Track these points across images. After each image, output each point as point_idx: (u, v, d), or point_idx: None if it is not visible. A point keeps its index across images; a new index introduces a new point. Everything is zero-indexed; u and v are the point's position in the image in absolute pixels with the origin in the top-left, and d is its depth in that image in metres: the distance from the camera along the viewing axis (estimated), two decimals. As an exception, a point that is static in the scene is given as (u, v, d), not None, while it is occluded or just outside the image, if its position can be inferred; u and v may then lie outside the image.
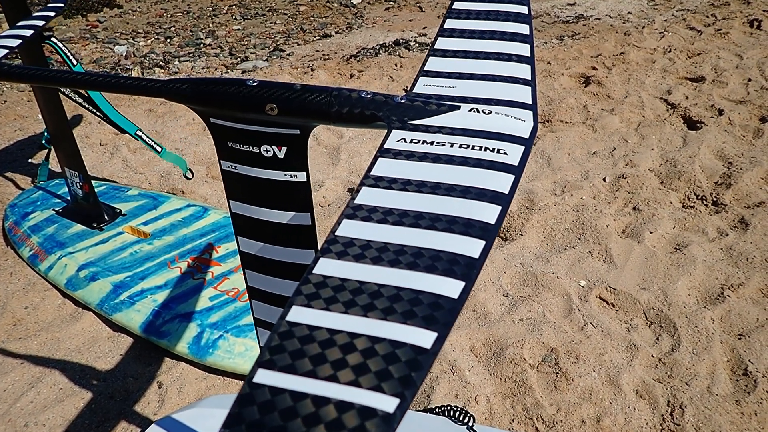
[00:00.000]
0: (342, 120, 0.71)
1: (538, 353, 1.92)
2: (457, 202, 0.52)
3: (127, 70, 4.23)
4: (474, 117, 0.65)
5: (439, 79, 0.74)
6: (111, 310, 1.99)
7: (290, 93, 0.73)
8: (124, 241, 2.26)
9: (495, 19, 0.84)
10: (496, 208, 0.51)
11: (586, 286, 2.17)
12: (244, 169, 0.82)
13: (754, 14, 4.67)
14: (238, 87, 0.76)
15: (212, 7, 6.09)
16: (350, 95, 0.72)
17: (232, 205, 0.87)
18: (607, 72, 3.79)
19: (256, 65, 4.34)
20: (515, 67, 0.75)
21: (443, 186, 0.54)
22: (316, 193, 2.77)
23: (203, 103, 0.78)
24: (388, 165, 0.58)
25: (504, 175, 0.56)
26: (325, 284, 0.43)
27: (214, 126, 0.81)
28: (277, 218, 0.84)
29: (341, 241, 0.47)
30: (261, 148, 0.78)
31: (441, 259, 0.45)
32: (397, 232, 0.48)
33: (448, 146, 0.61)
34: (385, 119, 0.67)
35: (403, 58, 4.26)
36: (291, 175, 0.80)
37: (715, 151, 2.90)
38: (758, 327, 1.96)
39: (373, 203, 0.52)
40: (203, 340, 1.85)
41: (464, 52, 0.78)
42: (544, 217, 2.52)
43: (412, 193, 0.53)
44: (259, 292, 0.93)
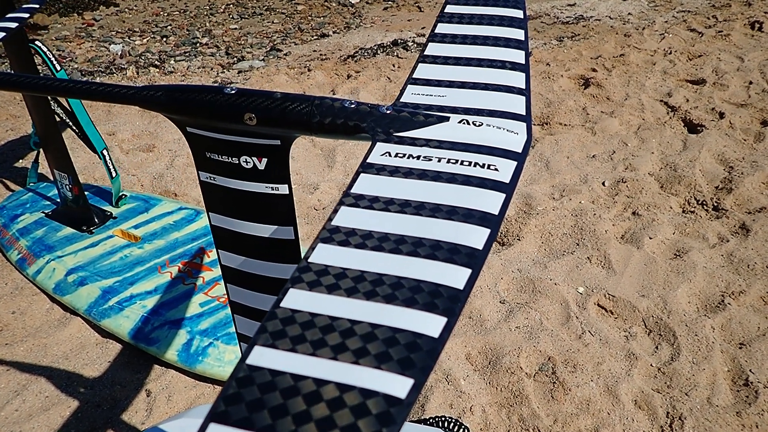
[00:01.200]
0: (324, 131, 0.67)
1: (534, 362, 1.88)
2: (443, 224, 0.48)
3: (122, 69, 4.19)
4: (464, 129, 0.61)
5: (428, 88, 0.70)
6: (99, 315, 1.95)
7: (269, 102, 0.69)
8: (114, 244, 2.22)
9: (489, 23, 0.80)
10: (484, 231, 0.47)
11: (584, 293, 2.13)
12: (223, 181, 0.78)
13: (755, 16, 4.63)
14: (215, 95, 0.72)
15: (209, 5, 6.05)
16: (333, 105, 0.68)
17: (212, 218, 0.83)
18: (607, 74, 3.75)
19: (252, 65, 4.29)
20: (509, 75, 0.71)
21: (428, 206, 0.50)
22: (311, 196, 2.73)
23: (178, 111, 0.74)
24: (371, 181, 0.54)
25: (494, 194, 0.52)
26: (292, 320, 0.39)
27: (191, 135, 0.77)
28: (259, 232, 0.80)
29: (314, 269, 0.44)
30: (240, 159, 0.74)
31: (422, 291, 0.41)
32: (376, 259, 0.44)
33: (436, 161, 0.57)
34: (370, 131, 0.63)
35: (401, 59, 4.22)
36: (272, 188, 0.76)
37: (716, 155, 2.86)
38: (759, 336, 1.92)
39: (351, 225, 0.48)
40: (193, 348, 1.81)
41: (455, 59, 0.74)
42: (542, 222, 2.48)
43: (395, 214, 0.49)
44: (242, 306, 0.89)
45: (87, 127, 2.34)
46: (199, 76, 4.14)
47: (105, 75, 4.10)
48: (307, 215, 2.63)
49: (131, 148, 3.16)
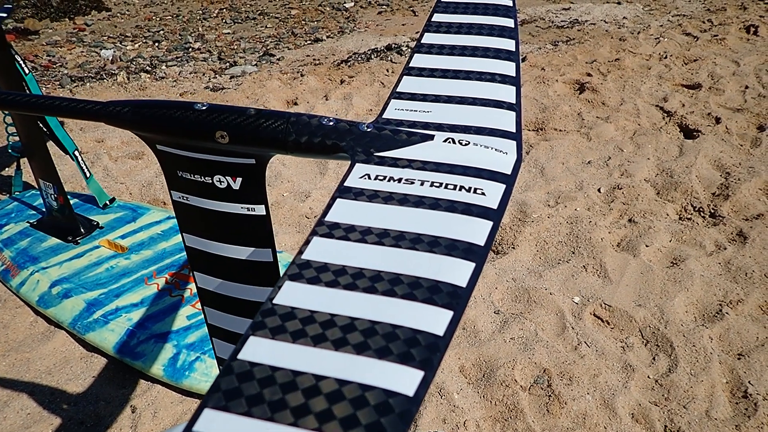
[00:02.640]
0: (300, 150, 0.63)
1: (529, 374, 1.84)
2: (423, 258, 0.44)
3: (112, 74, 4.14)
4: (449, 149, 0.57)
5: (412, 102, 0.66)
6: (84, 329, 1.90)
7: (242, 119, 0.65)
8: (100, 255, 2.17)
9: (478, 33, 0.76)
10: (467, 266, 0.43)
11: (580, 303, 2.09)
12: (196, 201, 0.73)
13: (750, 20, 4.61)
14: (185, 111, 0.68)
15: (202, 10, 6.01)
16: (309, 122, 0.63)
17: (186, 239, 0.79)
18: (602, 78, 3.73)
19: (245, 70, 4.25)
20: (498, 89, 0.66)
21: (408, 236, 0.46)
22: (303, 204, 2.69)
23: (146, 128, 0.70)
24: (347, 207, 0.50)
25: (480, 222, 0.48)
26: (250, 375, 0.35)
27: (161, 153, 0.73)
28: (235, 254, 0.75)
29: (279, 312, 0.39)
30: (213, 179, 0.70)
31: (397, 339, 0.37)
32: (348, 300, 0.40)
33: (418, 184, 0.53)
34: (349, 150, 0.59)
35: (395, 64, 4.18)
36: (248, 208, 0.71)
37: (713, 161, 2.83)
38: (758, 346, 1.89)
39: (323, 259, 0.44)
40: (179, 362, 1.76)
41: (442, 71, 0.70)
42: (537, 230, 2.44)
43: (372, 246, 0.45)
44: (221, 330, 0.85)
45: (56, 130, 2.31)
46: (191, 82, 4.10)
47: (95, 81, 4.05)
48: (298, 224, 2.58)
49: (120, 155, 3.11)
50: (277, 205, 2.68)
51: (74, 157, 2.38)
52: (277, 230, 2.50)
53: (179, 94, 3.85)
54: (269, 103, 3.66)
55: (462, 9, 0.81)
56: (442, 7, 0.82)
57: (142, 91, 3.91)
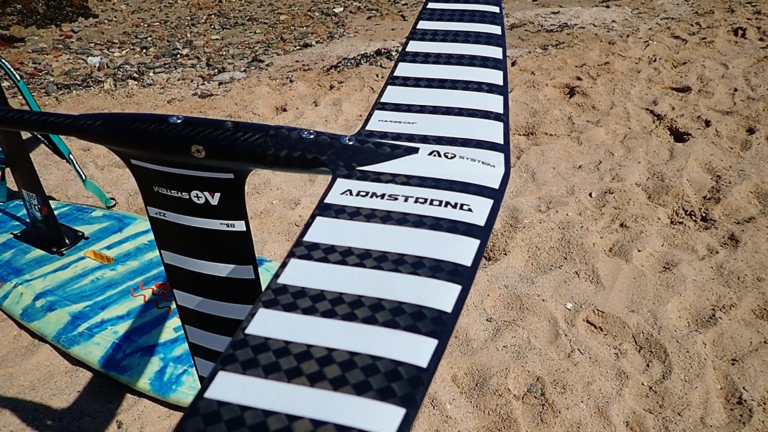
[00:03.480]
0: (279, 164, 0.61)
1: (523, 383, 1.82)
2: (407, 281, 0.41)
3: (99, 81, 4.10)
4: (434, 162, 0.55)
5: (397, 113, 0.64)
6: (68, 342, 1.86)
7: (219, 132, 0.62)
8: (85, 266, 2.13)
9: (464, 41, 0.73)
10: (453, 288, 0.41)
11: (572, 309, 2.07)
12: (173, 217, 0.71)
13: (738, 22, 4.63)
14: (159, 125, 0.65)
15: (191, 16, 5.97)
16: (289, 135, 0.61)
17: (165, 256, 0.76)
18: (592, 82, 3.72)
19: (233, 76, 4.22)
20: (485, 98, 0.64)
21: (391, 257, 0.43)
22: (292, 212, 2.66)
23: (119, 142, 0.67)
24: (328, 227, 0.48)
25: (466, 241, 0.45)
26: (217, 417, 0.32)
27: (135, 168, 0.70)
28: (215, 271, 0.73)
29: (252, 343, 0.37)
30: (191, 194, 0.67)
31: (377, 372, 0.34)
32: (326, 330, 0.38)
33: (402, 200, 0.50)
34: (330, 165, 0.57)
35: (385, 69, 4.16)
36: (227, 224, 0.69)
37: (703, 164, 2.83)
38: (752, 351, 1.88)
39: (301, 283, 0.41)
40: (166, 376, 1.73)
41: (428, 81, 0.68)
42: (529, 236, 2.42)
43: (352, 268, 0.43)
44: (203, 349, 0.82)
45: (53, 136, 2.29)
46: (178, 88, 4.06)
47: (81, 88, 4.01)
48: (288, 231, 2.55)
49: (106, 164, 3.07)
50: (266, 213, 2.65)
51: (70, 161, 2.39)
52: (266, 239, 2.47)
53: (167, 101, 3.81)
54: (258, 109, 3.64)
55: (448, 16, 0.79)
56: (427, 15, 0.80)
57: (129, 98, 3.88)
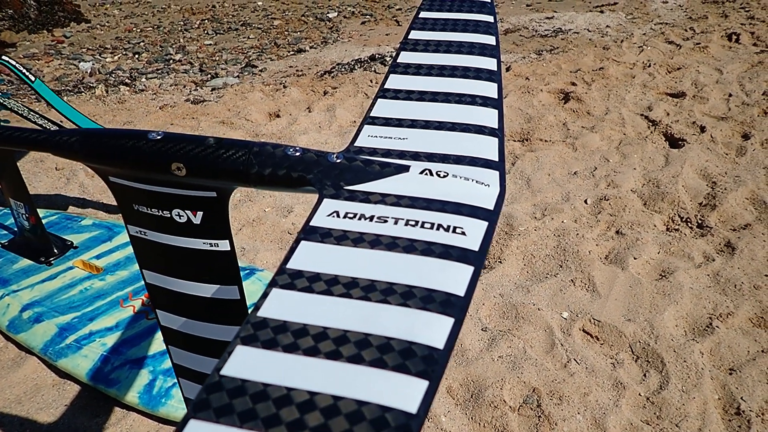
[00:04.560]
0: (264, 183, 0.58)
1: (519, 394, 1.79)
2: (396, 313, 0.39)
3: (90, 87, 4.06)
4: (426, 181, 0.52)
5: (387, 128, 0.61)
6: (56, 355, 1.83)
7: (201, 149, 0.59)
8: (73, 277, 2.09)
9: (458, 51, 0.71)
10: (445, 322, 0.38)
11: (568, 318, 2.05)
12: (155, 236, 0.68)
13: (732, 27, 4.64)
14: (138, 141, 0.62)
15: (184, 21, 5.94)
16: (274, 153, 0.58)
17: (146, 275, 0.73)
18: (587, 88, 3.71)
19: (226, 82, 4.19)
20: (479, 112, 0.62)
21: (379, 286, 0.41)
22: (285, 220, 2.62)
23: (96, 159, 0.64)
24: (313, 252, 0.45)
25: (460, 268, 0.42)
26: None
27: (114, 186, 0.67)
28: (199, 291, 0.70)
29: (227, 386, 0.34)
30: (172, 213, 0.64)
31: (363, 419, 0.31)
32: (309, 370, 0.35)
33: (392, 223, 0.48)
34: (316, 183, 0.54)
35: (379, 74, 4.14)
36: (211, 244, 0.66)
37: (699, 171, 2.82)
38: (749, 360, 1.86)
39: (283, 316, 0.39)
40: (155, 389, 1.69)
41: (419, 93, 0.65)
42: (524, 243, 2.40)
43: (338, 299, 0.40)
44: (187, 371, 0.79)
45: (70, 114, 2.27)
46: (171, 94, 4.03)
47: (73, 94, 3.97)
48: (280, 240, 2.52)
49: (97, 170, 3.04)
50: (259, 221, 2.62)
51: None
52: (259, 247, 2.44)
53: (159, 107, 3.78)
54: (251, 115, 3.61)
55: (441, 26, 0.76)
56: (419, 24, 0.77)
57: (121, 104, 3.84)
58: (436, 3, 0.81)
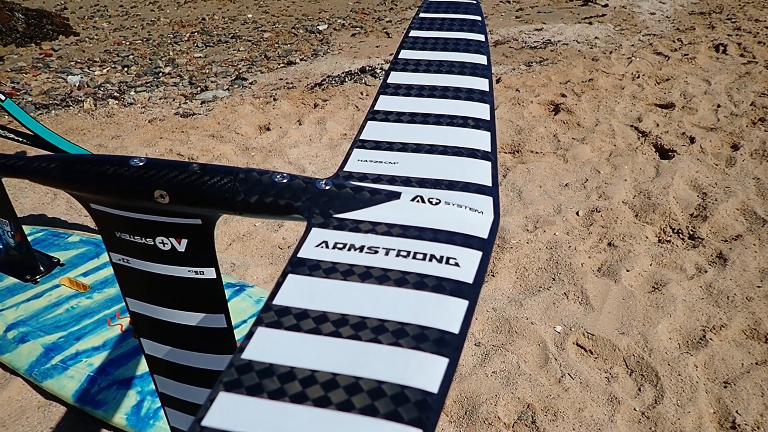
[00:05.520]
0: (250, 210, 0.56)
1: (513, 410, 1.77)
2: (388, 354, 0.37)
3: (79, 101, 4.03)
4: (418, 209, 0.50)
5: (377, 152, 0.59)
6: (41, 376, 1.79)
7: (184, 176, 0.57)
8: (60, 295, 2.06)
9: (449, 72, 0.70)
10: (439, 362, 0.36)
11: (562, 332, 2.03)
12: (138, 264, 0.65)
13: (719, 38, 4.68)
14: (119, 168, 0.60)
15: (173, 34, 5.92)
16: (260, 179, 0.56)
17: (130, 303, 0.71)
18: (577, 99, 3.72)
19: (216, 95, 4.17)
20: (471, 134, 0.60)
21: (370, 324, 0.39)
22: (275, 234, 2.60)
23: (76, 186, 0.62)
24: (300, 286, 0.43)
25: (454, 303, 0.41)
26: None
27: (95, 213, 0.65)
28: (185, 320, 0.68)
29: None
30: (156, 240, 0.62)
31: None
32: (296, 419, 0.33)
33: (383, 254, 0.46)
34: (304, 211, 0.52)
35: (370, 87, 4.14)
36: (196, 272, 0.64)
37: (689, 182, 2.82)
38: (744, 373, 1.85)
39: (269, 358, 0.37)
40: (143, 410, 1.66)
41: (410, 115, 0.64)
42: (517, 256, 2.39)
43: (327, 339, 0.38)
44: (174, 400, 0.77)
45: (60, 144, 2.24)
46: (160, 108, 4.00)
47: (61, 108, 3.94)
48: (271, 255, 2.50)
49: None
50: (249, 236, 2.60)
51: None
52: (249, 263, 2.41)
53: (148, 121, 3.75)
54: (241, 128, 3.59)
55: (431, 45, 0.75)
56: (409, 43, 0.76)
57: (110, 117, 3.81)
58: (426, 21, 0.80)
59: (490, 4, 6.64)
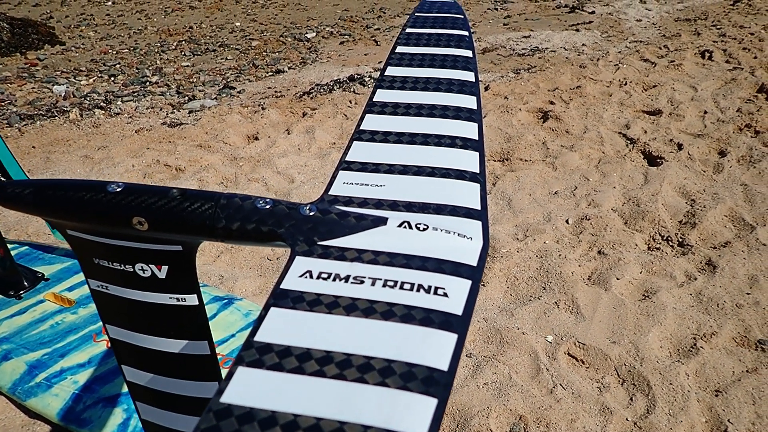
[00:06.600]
0: (232, 237, 0.55)
1: (505, 422, 1.76)
2: (374, 396, 0.35)
3: (64, 111, 3.99)
4: (405, 235, 0.49)
5: (363, 174, 0.58)
6: (25, 394, 1.75)
7: (164, 202, 0.55)
8: (44, 310, 2.02)
9: (436, 89, 0.68)
10: (427, 403, 0.35)
11: (553, 342, 2.02)
12: (118, 291, 0.64)
13: (704, 45, 4.72)
14: (96, 193, 0.58)
15: (161, 42, 5.89)
16: (242, 205, 0.55)
17: (110, 330, 0.69)
18: (565, 106, 3.73)
19: (204, 104, 4.15)
20: (459, 155, 0.59)
21: (356, 362, 0.37)
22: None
23: (51, 213, 0.60)
24: (284, 321, 0.41)
25: (442, 337, 0.39)
26: None
27: (72, 239, 0.63)
28: (167, 347, 0.66)
29: None
30: (135, 267, 0.61)
31: None
32: None
33: (369, 284, 0.44)
34: (288, 238, 0.51)
35: (358, 95, 4.13)
36: (178, 299, 0.62)
37: (677, 188, 2.83)
38: (734, 381, 1.85)
39: (249, 402, 0.35)
40: (130, 428, 1.63)
41: (397, 135, 0.62)
42: (507, 265, 2.38)
43: (310, 379, 0.37)
44: (157, 427, 0.74)
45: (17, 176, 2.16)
46: (147, 117, 3.97)
47: (46, 118, 3.89)
48: (260, 266, 2.47)
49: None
50: (237, 247, 2.57)
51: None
52: (237, 274, 2.39)
53: (135, 131, 3.72)
54: (229, 138, 3.57)
55: (418, 61, 0.74)
56: (396, 60, 0.75)
57: (96, 128, 3.77)
58: (413, 37, 0.79)
59: (477, 11, 6.67)
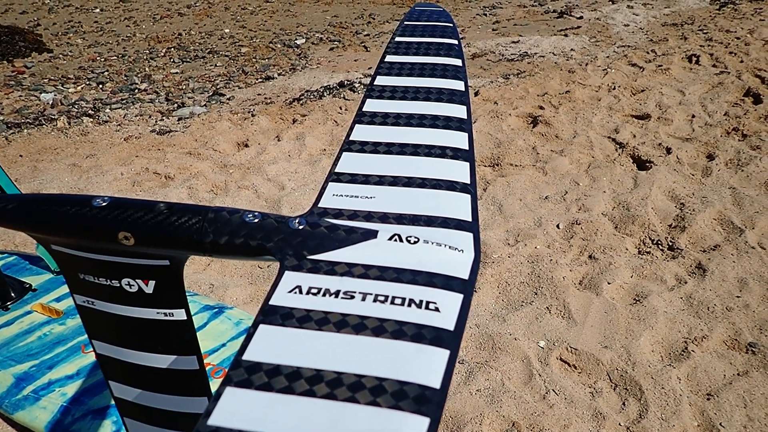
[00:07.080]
0: (220, 252, 0.54)
1: (498, 429, 1.75)
2: (364, 416, 0.35)
3: (52, 119, 3.96)
4: (395, 249, 0.49)
5: (353, 186, 0.57)
6: (12, 407, 1.72)
7: (150, 217, 0.55)
8: (32, 321, 1.99)
9: (426, 98, 0.68)
10: (421, 423, 0.34)
11: (545, 347, 2.02)
12: (104, 306, 0.63)
13: (691, 49, 4.76)
14: (81, 208, 0.57)
15: (149, 49, 5.87)
16: (230, 219, 0.54)
17: (96, 346, 0.68)
18: (554, 111, 3.75)
19: (193, 111, 4.13)
20: (450, 166, 0.59)
21: (346, 380, 0.37)
22: (255, 253, 2.56)
23: (35, 228, 0.59)
24: (273, 338, 0.41)
25: (434, 353, 0.39)
26: None
27: (57, 254, 0.62)
28: (155, 363, 0.65)
29: None
30: (121, 282, 0.60)
31: None
32: None
33: (359, 299, 0.44)
34: (277, 253, 0.50)
35: (348, 101, 4.13)
36: (166, 314, 0.61)
37: (667, 192, 2.85)
38: (726, 384, 1.85)
39: (236, 425, 0.34)
40: (120, 441, 1.61)
41: (387, 146, 0.62)
42: (498, 271, 2.38)
43: (300, 399, 0.36)
44: (145, 442, 0.73)
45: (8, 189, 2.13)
46: (136, 125, 3.95)
47: (33, 127, 3.86)
48: (251, 275, 2.46)
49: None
50: (228, 255, 2.55)
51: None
52: (228, 283, 2.37)
53: (123, 139, 3.70)
54: (219, 145, 3.55)
55: (408, 70, 0.74)
56: (385, 69, 0.75)
57: (84, 136, 3.75)
58: (402, 46, 0.79)
59: (466, 17, 6.69)
